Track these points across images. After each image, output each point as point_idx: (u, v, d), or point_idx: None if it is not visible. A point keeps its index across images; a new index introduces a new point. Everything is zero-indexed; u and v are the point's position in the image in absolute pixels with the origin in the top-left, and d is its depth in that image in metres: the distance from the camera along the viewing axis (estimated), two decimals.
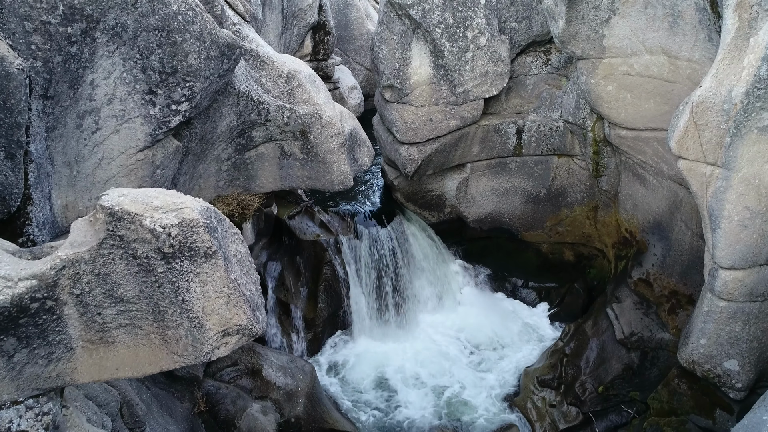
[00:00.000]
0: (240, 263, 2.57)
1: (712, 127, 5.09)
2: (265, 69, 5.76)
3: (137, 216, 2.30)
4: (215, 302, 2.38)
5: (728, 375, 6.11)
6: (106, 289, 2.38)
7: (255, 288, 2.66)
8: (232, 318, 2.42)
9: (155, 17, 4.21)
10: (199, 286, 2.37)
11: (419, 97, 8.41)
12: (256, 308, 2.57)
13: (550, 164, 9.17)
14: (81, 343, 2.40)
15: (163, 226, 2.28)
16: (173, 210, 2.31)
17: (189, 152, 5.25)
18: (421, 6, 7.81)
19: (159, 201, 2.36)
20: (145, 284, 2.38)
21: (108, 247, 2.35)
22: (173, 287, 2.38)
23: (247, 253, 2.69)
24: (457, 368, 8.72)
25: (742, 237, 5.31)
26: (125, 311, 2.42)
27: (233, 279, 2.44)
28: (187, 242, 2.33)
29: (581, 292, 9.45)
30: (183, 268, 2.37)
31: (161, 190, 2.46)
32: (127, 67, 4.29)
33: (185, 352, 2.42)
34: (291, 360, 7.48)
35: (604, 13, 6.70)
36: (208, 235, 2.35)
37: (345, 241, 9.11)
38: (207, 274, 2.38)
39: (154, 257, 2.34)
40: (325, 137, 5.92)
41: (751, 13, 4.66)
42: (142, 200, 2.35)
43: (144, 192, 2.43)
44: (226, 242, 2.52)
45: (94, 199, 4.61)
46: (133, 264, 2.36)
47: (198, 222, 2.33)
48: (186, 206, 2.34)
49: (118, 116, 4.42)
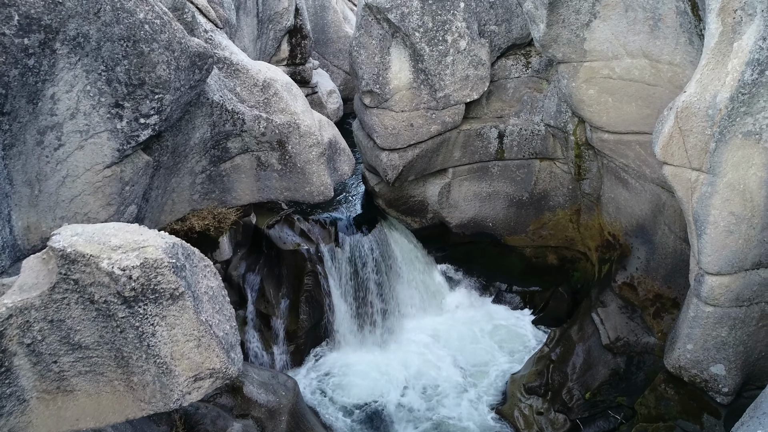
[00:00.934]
0: (212, 300, 2.37)
1: (697, 132, 5.03)
2: (240, 77, 5.54)
3: (93, 258, 2.09)
4: (185, 346, 2.18)
5: (715, 380, 6.08)
6: (62, 336, 2.16)
7: (229, 326, 2.46)
8: (204, 362, 2.22)
9: (120, 27, 3.97)
10: (166, 330, 2.17)
11: (399, 102, 8.26)
12: (230, 349, 2.37)
13: (532, 168, 9.09)
14: (36, 393, 2.17)
15: (122, 268, 2.07)
16: (134, 249, 2.10)
17: (161, 166, 5.01)
18: (399, 10, 7.66)
19: (118, 239, 2.14)
20: (105, 330, 2.17)
21: (61, 292, 2.13)
22: (137, 332, 2.17)
23: (219, 287, 2.49)
24: (442, 377, 8.59)
25: (728, 242, 5.27)
26: (84, 358, 2.20)
27: (204, 320, 2.24)
28: (150, 284, 2.12)
29: (565, 296, 9.40)
30: (147, 312, 2.17)
31: (121, 225, 2.24)
32: (90, 79, 4.04)
33: (153, 399, 2.22)
34: (273, 375, 7.26)
35: (584, 16, 6.62)
36: (174, 275, 2.15)
37: (326, 250, 8.91)
38: (174, 316, 2.18)
39: (113, 302, 2.13)
40: (304, 147, 5.72)
41: (734, 17, 4.60)
42: (99, 239, 2.13)
43: (101, 229, 2.21)
44: (196, 279, 2.32)
45: (59, 219, 4.35)
46: (90, 309, 2.15)
47: (162, 262, 2.13)
48: (148, 244, 2.14)
49: (83, 131, 4.16)
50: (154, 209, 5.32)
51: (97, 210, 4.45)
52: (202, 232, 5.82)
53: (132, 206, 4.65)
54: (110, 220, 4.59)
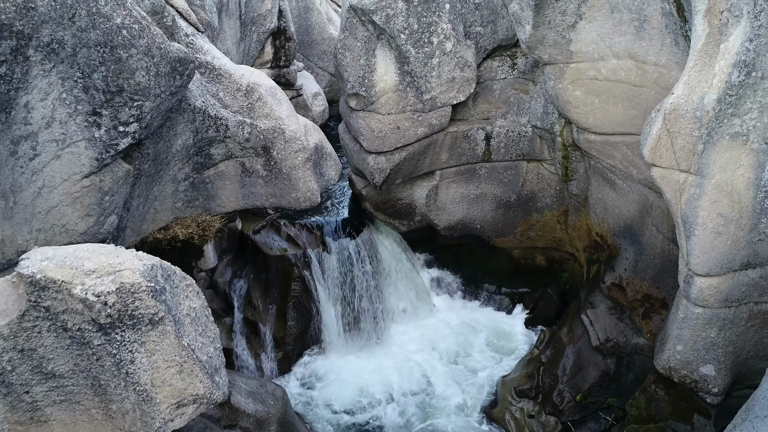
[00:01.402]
0: (195, 322, 2.26)
1: (685, 134, 5.02)
2: (223, 82, 5.41)
3: (65, 284, 1.96)
4: (166, 372, 2.07)
5: (705, 380, 6.09)
6: (33, 365, 2.04)
7: (213, 348, 2.35)
8: (187, 388, 2.11)
9: (96, 32, 3.83)
10: (145, 357, 2.05)
11: (385, 104, 8.18)
12: (214, 373, 2.26)
13: (519, 169, 9.07)
14: (7, 425, 2.05)
15: (97, 294, 1.95)
16: (109, 273, 1.98)
17: (141, 174, 4.87)
18: (384, 12, 7.57)
19: (92, 263, 2.02)
20: (80, 357, 2.05)
21: (31, 320, 2.01)
22: (114, 360, 2.05)
23: (203, 307, 2.38)
24: (432, 381, 8.53)
25: (716, 244, 5.27)
26: (59, 387, 2.08)
27: (186, 345, 2.13)
28: (127, 310, 2.00)
29: (554, 297, 9.40)
30: (125, 339, 2.05)
31: (95, 247, 2.12)
32: (66, 86, 3.90)
33: (133, 428, 2.10)
34: (261, 384, 7.13)
35: (570, 17, 6.60)
36: (153, 299, 2.03)
37: (313, 255, 8.80)
38: (155, 342, 2.06)
39: (88, 329, 2.01)
40: (289, 153, 5.61)
41: (720, 19, 4.59)
42: (71, 263, 2.01)
43: (74, 252, 2.09)
44: (177, 300, 2.21)
45: (36, 231, 4.20)
46: (63, 336, 2.03)
47: (140, 286, 2.01)
48: (125, 268, 2.02)
49: (59, 140, 4.02)
50: (135, 218, 5.17)
51: (75, 221, 4.30)
52: (185, 240, 5.69)
53: (112, 216, 4.51)
54: (90, 231, 4.44)
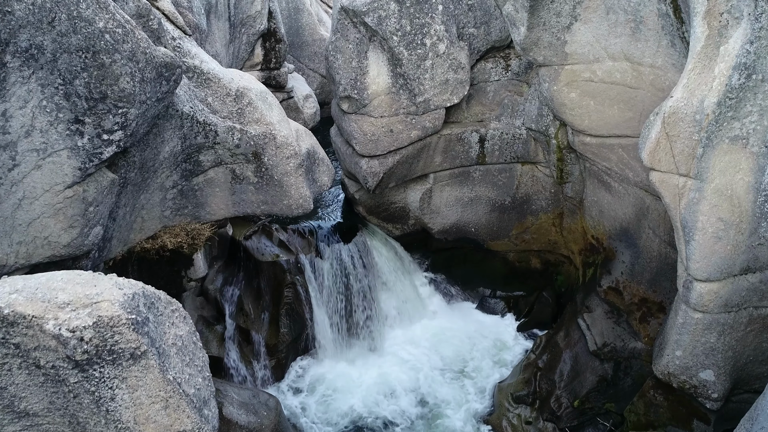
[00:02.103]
0: (181, 352, 2.11)
1: (684, 138, 4.93)
2: (211, 87, 5.26)
3: (36, 319, 1.80)
4: (150, 409, 1.92)
5: (704, 385, 6.02)
6: (5, 404, 1.88)
7: (202, 378, 2.20)
8: (173, 424, 1.96)
9: (77, 37, 3.67)
10: (127, 393, 1.90)
11: (378, 107, 8.05)
12: (203, 405, 2.12)
13: (514, 172, 8.98)
14: None
15: (72, 330, 1.79)
16: (85, 306, 1.82)
17: (128, 183, 4.71)
18: (376, 13, 7.44)
19: (66, 294, 1.85)
20: (55, 395, 1.90)
21: (0, 357, 1.86)
22: (93, 397, 1.90)
23: (190, 333, 2.23)
24: (428, 387, 8.41)
25: (716, 249, 5.19)
26: (33, 426, 1.93)
27: (171, 379, 1.98)
28: (106, 345, 1.85)
29: (550, 300, 9.32)
30: (104, 375, 1.90)
31: (70, 276, 1.96)
32: (46, 94, 3.73)
33: None
34: (254, 395, 6.98)
35: (565, 19, 6.50)
36: (134, 333, 1.88)
37: (306, 261, 8.66)
38: (137, 377, 1.91)
39: (63, 366, 1.86)
40: (281, 159, 5.47)
41: (720, 20, 4.51)
42: (43, 295, 1.84)
43: (47, 282, 1.92)
44: (162, 330, 2.06)
45: (16, 245, 4.03)
46: (37, 374, 1.88)
47: (119, 319, 1.86)
48: (103, 299, 1.86)
49: (39, 150, 3.85)
50: (122, 228, 5.01)
51: (58, 233, 4.14)
52: (174, 249, 5.53)
53: (97, 227, 4.34)
54: (73, 243, 4.28)
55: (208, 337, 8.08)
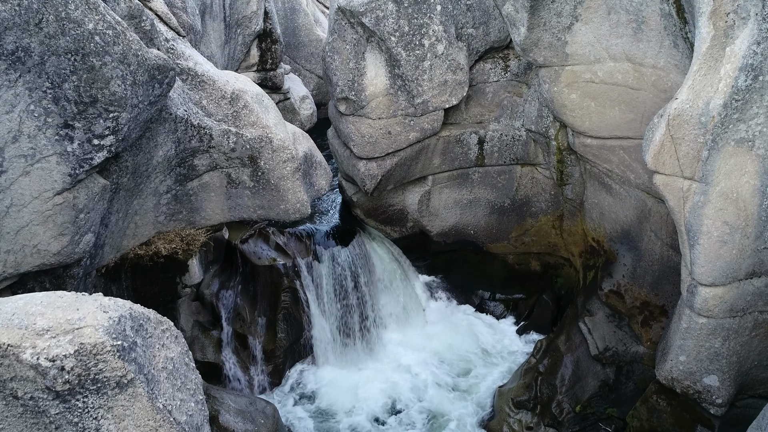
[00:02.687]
0: (172, 376, 1.99)
1: (689, 140, 4.84)
2: (206, 90, 5.14)
3: (11, 348, 1.67)
4: None
5: (708, 391, 5.94)
6: None
7: (195, 402, 2.07)
8: None
9: (66, 39, 3.55)
10: (113, 423, 1.78)
11: (376, 109, 7.94)
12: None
13: (513, 174, 8.88)
14: None
15: (51, 359, 1.66)
16: (66, 332, 1.69)
17: (120, 188, 4.58)
18: (374, 13, 7.33)
19: (45, 320, 1.71)
20: (35, 427, 1.77)
21: None
22: (76, 428, 1.77)
23: (182, 354, 2.11)
24: (427, 392, 8.31)
25: (721, 253, 5.10)
26: None
27: (161, 407, 1.86)
28: (89, 374, 1.72)
29: (550, 303, 9.23)
30: (88, 405, 1.77)
31: (51, 299, 1.83)
32: (34, 98, 3.61)
33: None
34: (251, 402, 6.86)
35: (566, 19, 6.40)
36: (120, 360, 1.75)
37: (303, 264, 8.54)
38: (124, 407, 1.79)
39: (42, 397, 1.74)
40: (277, 162, 5.35)
41: (726, 21, 4.41)
42: (20, 322, 1.71)
43: (24, 307, 1.79)
44: (152, 353, 1.93)
45: (4, 253, 3.90)
46: (14, 405, 1.75)
47: (104, 346, 1.73)
48: (86, 324, 1.73)
49: (27, 156, 3.73)
50: (114, 235, 4.88)
51: (47, 241, 4.01)
52: (169, 255, 5.41)
53: (88, 235, 4.22)
54: (64, 251, 4.15)
55: (204, 342, 7.95)
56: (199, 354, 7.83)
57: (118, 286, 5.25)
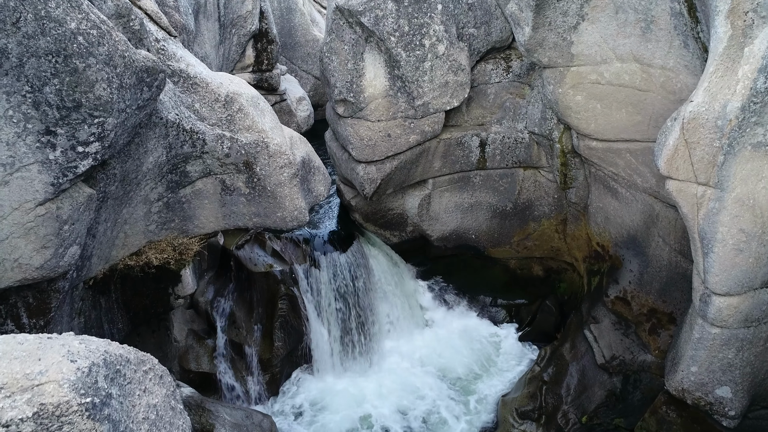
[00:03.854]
0: (155, 426, 1.75)
1: (705, 144, 4.64)
2: (199, 92, 4.90)
3: None
4: None
5: (720, 402, 5.75)
6: None
7: None
8: None
9: (46, 39, 3.31)
10: None
11: (375, 111, 7.71)
12: None
13: (515, 177, 8.67)
14: None
15: (5, 424, 1.41)
16: (24, 390, 1.43)
17: (108, 197, 4.34)
18: (373, 13, 7.11)
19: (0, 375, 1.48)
20: None
21: None
22: None
23: (168, 397, 1.87)
24: (428, 401, 8.09)
25: (737, 261, 4.90)
26: None
27: None
28: None
29: (553, 309, 9.02)
30: None
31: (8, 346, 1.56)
32: (12, 102, 3.37)
33: None
34: (247, 415, 6.63)
35: (572, 18, 6.20)
36: (90, 420, 1.50)
37: (301, 271, 8.31)
38: None
39: None
40: (274, 168, 5.12)
41: (745, 20, 4.21)
42: None
43: None
44: (131, 403, 1.69)
45: None
46: None
47: (69, 406, 1.47)
48: (48, 379, 1.46)
49: (6, 164, 3.49)
50: (102, 245, 4.64)
51: (30, 255, 3.77)
52: (160, 266, 5.17)
53: (73, 247, 3.98)
54: (47, 265, 3.92)
55: (198, 351, 7.72)
56: (193, 363, 7.60)
57: (107, 299, 5.01)
